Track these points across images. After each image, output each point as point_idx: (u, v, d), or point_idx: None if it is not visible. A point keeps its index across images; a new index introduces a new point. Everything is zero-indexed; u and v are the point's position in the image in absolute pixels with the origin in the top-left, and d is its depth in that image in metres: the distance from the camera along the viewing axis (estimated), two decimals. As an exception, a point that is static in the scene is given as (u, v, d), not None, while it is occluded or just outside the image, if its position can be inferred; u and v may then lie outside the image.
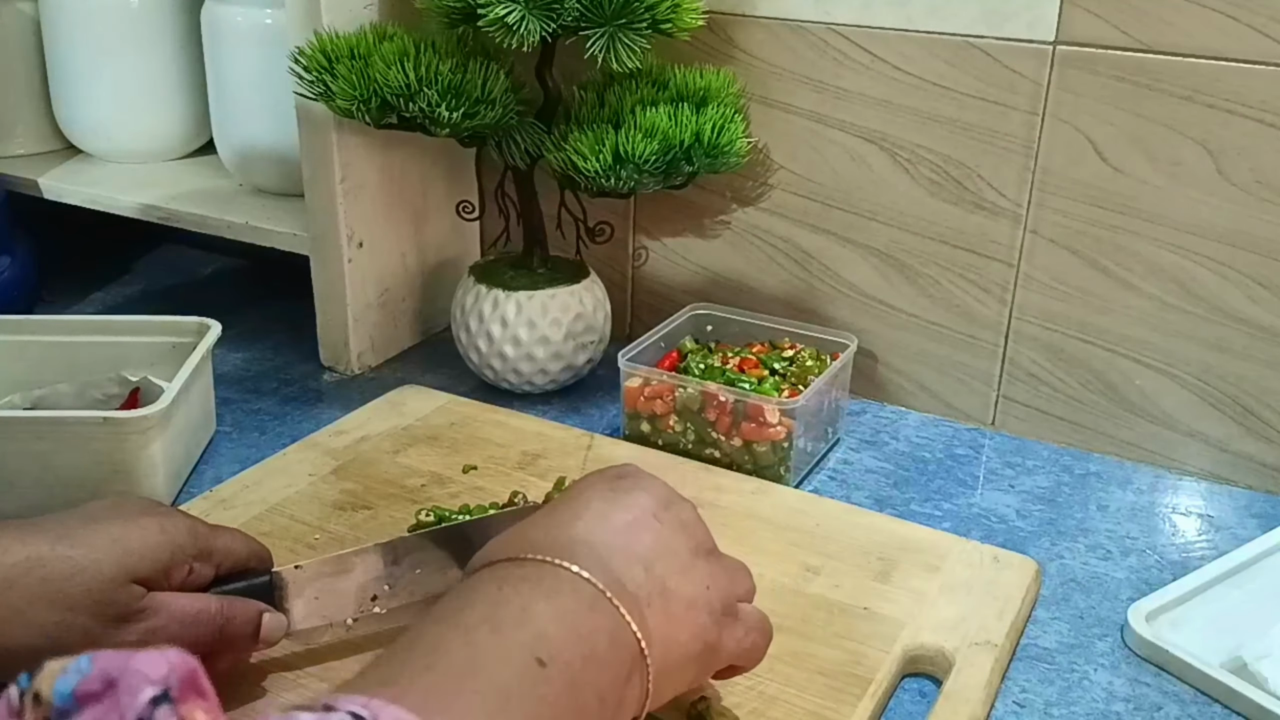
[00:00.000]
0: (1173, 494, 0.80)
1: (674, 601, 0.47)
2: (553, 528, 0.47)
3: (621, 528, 0.48)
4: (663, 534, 0.48)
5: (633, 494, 0.50)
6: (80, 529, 0.50)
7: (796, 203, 0.91)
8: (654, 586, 0.46)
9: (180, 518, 0.54)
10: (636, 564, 0.46)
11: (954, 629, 0.62)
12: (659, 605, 0.46)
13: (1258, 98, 0.73)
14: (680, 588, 0.47)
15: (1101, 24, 0.76)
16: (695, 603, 0.48)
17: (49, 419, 0.72)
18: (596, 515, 0.48)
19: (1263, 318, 0.77)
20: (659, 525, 0.49)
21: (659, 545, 0.48)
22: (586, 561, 0.45)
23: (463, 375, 0.94)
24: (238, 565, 0.56)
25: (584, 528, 0.47)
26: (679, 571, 0.48)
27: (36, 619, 0.47)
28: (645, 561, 0.47)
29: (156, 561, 0.51)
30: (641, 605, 0.45)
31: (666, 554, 0.48)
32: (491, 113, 0.81)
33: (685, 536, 0.49)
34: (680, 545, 0.49)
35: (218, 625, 0.52)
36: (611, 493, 0.50)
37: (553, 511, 0.49)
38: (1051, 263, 0.83)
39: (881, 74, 0.84)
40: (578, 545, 0.46)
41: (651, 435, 0.82)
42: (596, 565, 0.45)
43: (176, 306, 0.95)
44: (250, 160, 1.02)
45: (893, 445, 0.86)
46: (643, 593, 0.45)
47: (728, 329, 0.90)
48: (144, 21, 1.06)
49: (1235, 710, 0.59)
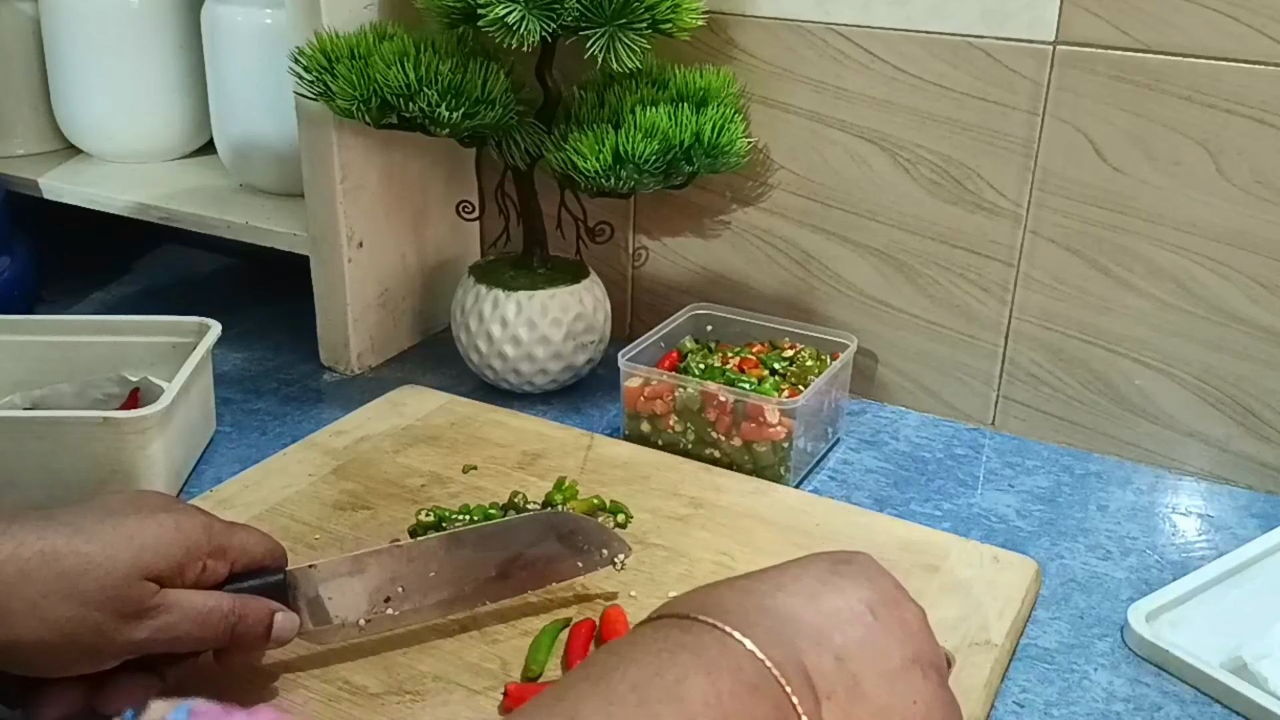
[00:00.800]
0: (1173, 494, 0.80)
1: (864, 704, 0.41)
2: (748, 593, 0.43)
3: (827, 611, 0.43)
4: (874, 631, 0.43)
5: (855, 581, 0.45)
6: (96, 524, 0.50)
7: (796, 203, 0.91)
8: (843, 681, 0.41)
9: (196, 514, 0.53)
10: (828, 653, 0.41)
11: (954, 629, 0.62)
12: (842, 701, 0.40)
13: (1258, 98, 0.73)
14: (877, 692, 0.41)
15: (1101, 24, 0.76)
16: (890, 714, 0.42)
17: (49, 419, 0.72)
18: (802, 591, 0.43)
19: (1263, 318, 0.77)
20: (873, 620, 0.43)
21: (864, 641, 0.42)
22: (766, 636, 0.40)
23: (463, 375, 0.94)
24: (253, 563, 0.55)
25: (782, 601, 0.43)
26: (881, 674, 0.42)
27: (50, 613, 0.47)
28: (841, 653, 0.41)
29: (170, 558, 0.50)
30: (820, 695, 0.40)
31: (871, 653, 0.42)
32: (491, 113, 0.81)
33: (902, 640, 0.43)
34: (892, 648, 0.43)
35: (230, 624, 0.52)
36: (831, 574, 0.45)
37: (757, 575, 0.45)
38: (1051, 263, 0.83)
39: (881, 74, 0.84)
40: (766, 616, 0.41)
41: (651, 435, 0.82)
42: (777, 642, 0.40)
43: (176, 306, 0.95)
44: (250, 160, 1.02)
45: (893, 445, 0.86)
46: (825, 684, 0.40)
47: (728, 329, 0.90)
48: (144, 21, 1.06)
49: (1235, 710, 0.59)
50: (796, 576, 0.44)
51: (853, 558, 0.47)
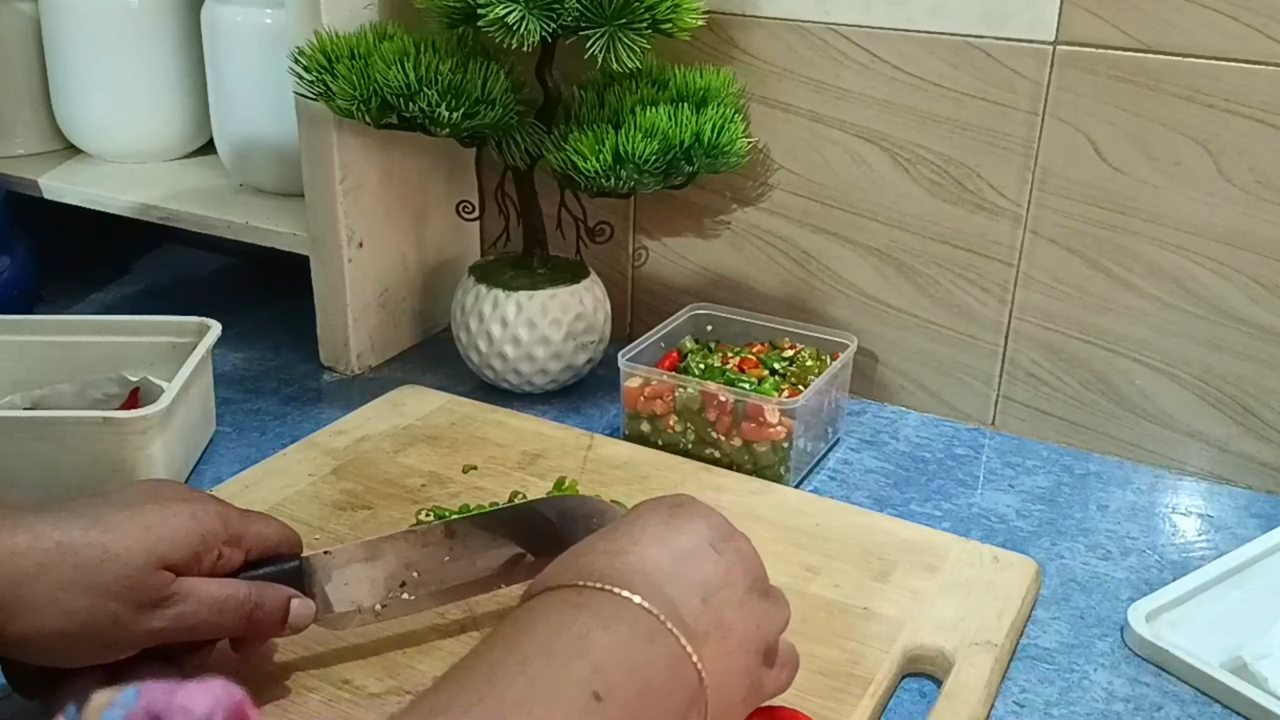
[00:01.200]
0: (1173, 494, 0.80)
1: (730, 637, 0.45)
2: (611, 554, 0.46)
3: (680, 555, 0.46)
4: (721, 565, 0.47)
5: (691, 522, 0.48)
6: (113, 515, 0.50)
7: (796, 203, 0.91)
8: (711, 619, 0.45)
9: (212, 503, 0.53)
10: (694, 594, 0.45)
11: (954, 629, 0.62)
12: (716, 639, 0.44)
13: (1258, 98, 0.73)
14: (735, 623, 0.46)
15: (1101, 24, 0.76)
16: (747, 641, 0.46)
17: (49, 419, 0.72)
18: (654, 541, 0.47)
19: (1263, 318, 0.77)
20: (717, 556, 0.47)
21: (717, 576, 0.46)
22: (645, 590, 0.43)
23: (463, 375, 0.94)
24: (268, 550, 0.55)
25: (641, 555, 0.46)
26: (735, 606, 0.46)
27: (69, 604, 0.47)
28: (703, 592, 0.45)
29: (187, 547, 0.50)
30: (698, 638, 0.44)
31: (724, 586, 0.46)
32: (491, 113, 0.81)
33: (742, 570, 0.48)
34: (738, 578, 0.47)
35: (246, 611, 0.52)
36: (671, 518, 0.48)
37: (609, 536, 0.48)
38: (1051, 263, 0.83)
39: (881, 74, 0.84)
40: (635, 574, 0.44)
41: (651, 435, 0.82)
42: (655, 594, 0.44)
43: (176, 306, 0.95)
44: (250, 160, 1.02)
45: (893, 445, 0.86)
46: (700, 625, 0.44)
47: (728, 329, 0.90)
48: (144, 21, 1.06)
49: (1235, 710, 0.59)
50: (644, 528, 0.47)
51: (681, 500, 0.50)
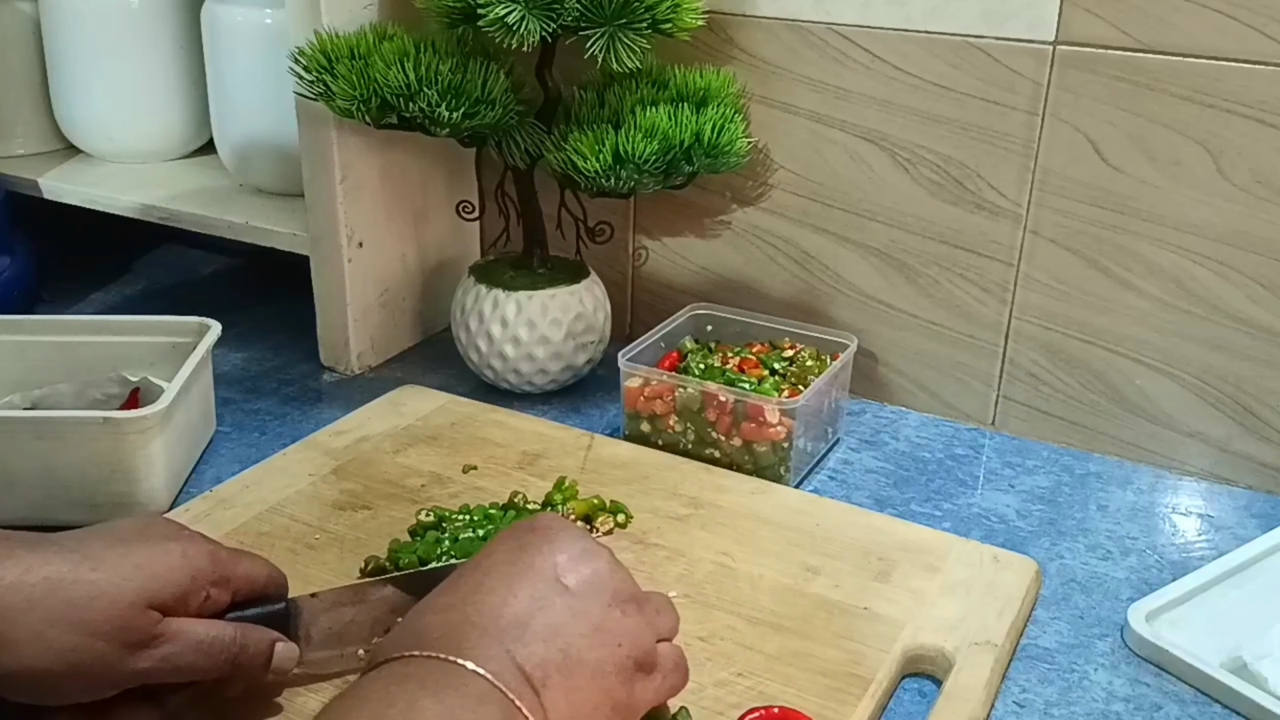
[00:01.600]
0: (1173, 494, 0.80)
1: (577, 673, 0.45)
2: (449, 608, 0.46)
3: (524, 597, 0.46)
4: (570, 598, 0.47)
5: (539, 552, 0.48)
6: (103, 552, 0.49)
7: (796, 203, 0.91)
8: (554, 661, 0.45)
9: (202, 543, 0.53)
10: (536, 640, 0.45)
11: (954, 629, 0.62)
12: (558, 681, 0.44)
13: (1258, 98, 0.73)
14: (585, 654, 0.46)
15: (1101, 24, 0.76)
16: (603, 667, 0.46)
17: (49, 419, 0.72)
18: (497, 584, 0.46)
19: (1263, 318, 0.77)
20: (565, 588, 0.47)
21: (564, 612, 0.46)
22: (476, 649, 0.43)
23: (463, 375, 0.94)
24: (255, 591, 0.55)
25: (480, 603, 0.46)
26: (585, 635, 0.46)
27: (55, 642, 0.47)
28: (546, 634, 0.45)
29: (176, 587, 0.50)
30: (536, 686, 0.44)
31: (572, 619, 0.46)
32: (491, 113, 0.81)
33: (596, 594, 0.47)
34: (590, 606, 0.47)
35: (231, 654, 0.52)
36: (520, 552, 0.48)
37: (454, 584, 0.48)
38: (1051, 263, 0.83)
39: (881, 74, 0.84)
40: (470, 629, 0.44)
41: (651, 435, 0.82)
42: (487, 651, 0.43)
43: (176, 306, 0.95)
44: (250, 160, 1.02)
45: (893, 445, 0.86)
46: (539, 672, 0.44)
47: (728, 329, 0.90)
48: (144, 21, 1.06)
49: (1235, 710, 0.59)
50: (488, 570, 0.47)
51: (536, 524, 0.50)
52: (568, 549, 0.48)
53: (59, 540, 0.50)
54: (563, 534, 0.49)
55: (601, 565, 0.49)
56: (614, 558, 0.50)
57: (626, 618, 0.48)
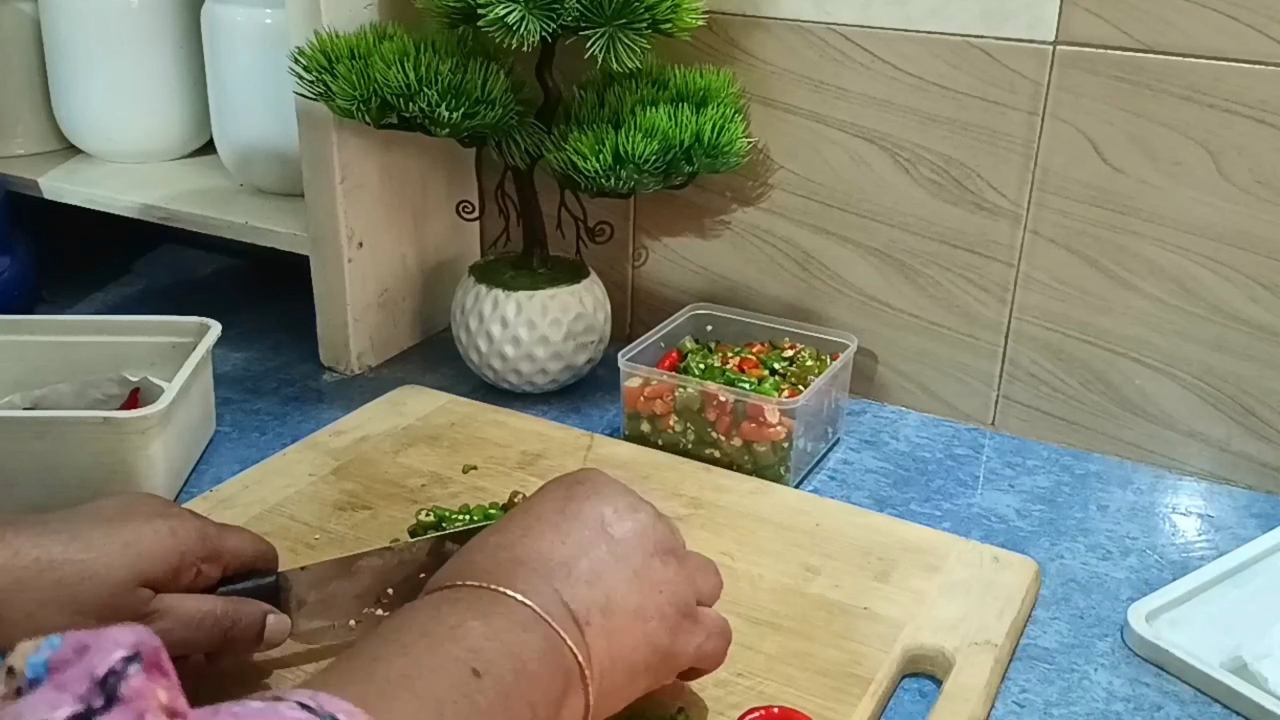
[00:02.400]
0: (1173, 494, 0.80)
1: (618, 614, 0.47)
2: (499, 548, 0.48)
3: (571, 542, 0.48)
4: (615, 544, 0.48)
5: (588, 502, 0.50)
6: (91, 531, 0.50)
7: (796, 203, 0.91)
8: (596, 601, 0.46)
9: (190, 519, 0.54)
10: (580, 580, 0.46)
11: (954, 629, 0.62)
12: (599, 622, 0.46)
13: (1258, 98, 0.73)
14: (627, 598, 0.47)
15: (1101, 24, 0.76)
16: (644, 610, 0.48)
17: (49, 419, 0.72)
18: (546, 529, 0.48)
19: (1263, 318, 0.77)
20: (611, 534, 0.49)
21: (609, 556, 0.48)
22: (525, 584, 0.45)
23: (463, 375, 0.94)
24: (245, 566, 0.56)
25: (530, 546, 0.47)
26: (628, 580, 0.48)
27: (46, 622, 0.47)
28: (590, 576, 0.47)
29: (166, 564, 0.51)
30: (580, 623, 0.45)
31: (615, 564, 0.48)
32: (491, 113, 0.81)
33: (640, 541, 0.49)
34: (633, 552, 0.49)
35: (223, 627, 0.52)
36: (567, 502, 0.50)
37: (504, 527, 0.49)
38: (1051, 263, 0.83)
39: (881, 74, 0.84)
40: (520, 567, 0.46)
41: (651, 435, 0.82)
42: (535, 586, 0.45)
43: (176, 306, 0.95)
44: (250, 160, 1.02)
45: (893, 445, 0.86)
46: (583, 611, 0.45)
47: (728, 329, 0.90)
48: (144, 21, 1.06)
49: (1235, 710, 0.59)
50: (539, 516, 0.49)
51: (583, 477, 0.52)
52: (614, 501, 0.50)
53: (47, 521, 0.50)
54: (609, 486, 0.51)
55: (644, 517, 0.50)
56: (658, 512, 0.51)
57: (667, 568, 0.50)
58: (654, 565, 0.49)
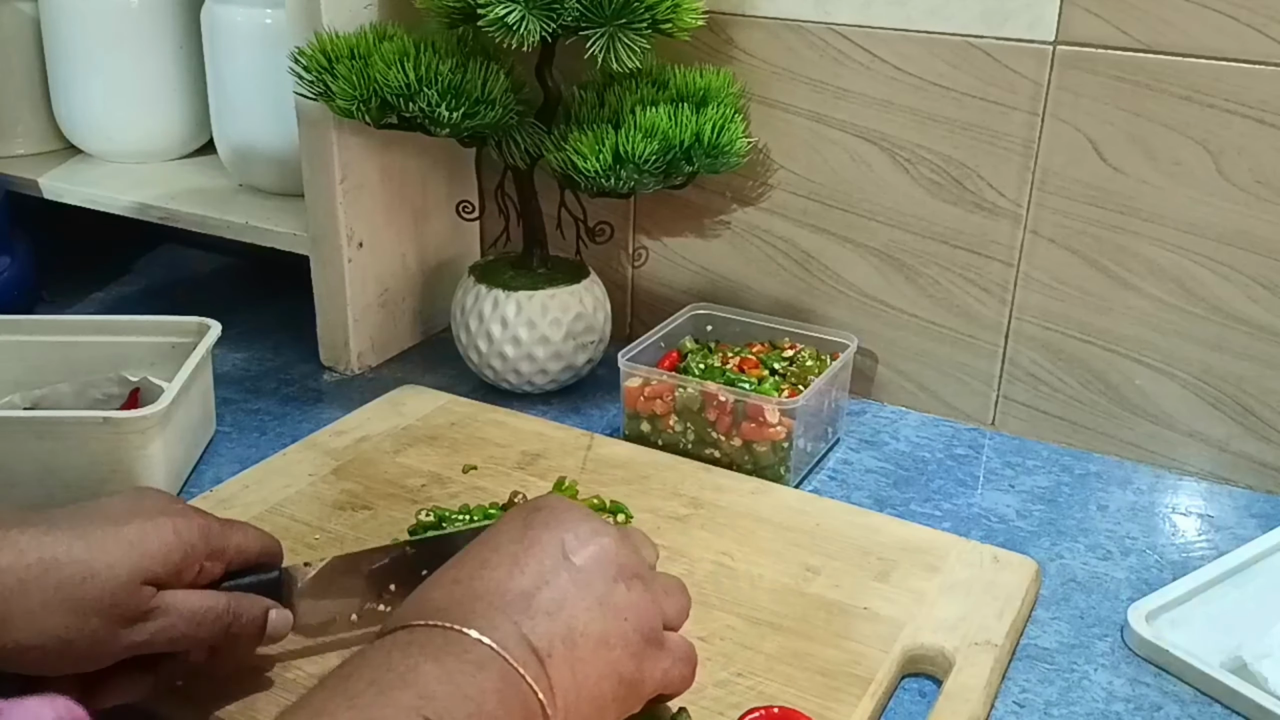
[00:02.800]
0: (1173, 494, 0.80)
1: (582, 644, 0.45)
2: (455, 583, 0.46)
3: (531, 572, 0.46)
4: (575, 573, 0.47)
5: (547, 530, 0.48)
6: (95, 530, 0.50)
7: (796, 203, 0.91)
8: (558, 633, 0.45)
9: (194, 516, 0.54)
10: (540, 611, 0.45)
11: (954, 629, 0.62)
12: (562, 653, 0.44)
13: (1258, 98, 0.73)
14: (590, 626, 0.46)
15: (1101, 24, 0.76)
16: (608, 639, 0.46)
17: (49, 419, 0.72)
18: (504, 560, 0.47)
19: (1263, 318, 0.77)
20: (572, 561, 0.47)
21: (570, 584, 0.46)
22: (482, 620, 0.44)
23: (463, 375, 0.94)
24: (248, 561, 0.56)
25: (487, 579, 0.46)
26: (590, 609, 0.46)
27: (48, 622, 0.47)
28: (551, 606, 0.45)
29: (169, 563, 0.51)
30: (541, 657, 0.44)
31: (577, 593, 0.46)
32: (491, 113, 0.81)
33: (602, 567, 0.48)
34: (596, 579, 0.47)
35: (225, 623, 0.52)
36: (524, 530, 0.48)
37: (461, 561, 0.48)
38: (1051, 263, 0.83)
39: (881, 74, 0.84)
40: (476, 602, 0.45)
41: (651, 435, 0.82)
42: (492, 622, 0.44)
43: (176, 306, 0.95)
44: (250, 160, 1.02)
45: (893, 445, 0.86)
46: (544, 644, 0.44)
47: (728, 329, 0.90)
48: (144, 21, 1.06)
49: (1235, 710, 0.59)
50: (495, 547, 0.48)
51: (541, 504, 0.50)
52: (574, 527, 0.49)
53: (51, 518, 0.50)
54: (569, 513, 0.50)
55: (607, 542, 0.49)
56: (621, 535, 0.50)
57: (632, 593, 0.48)
58: (618, 591, 0.48)
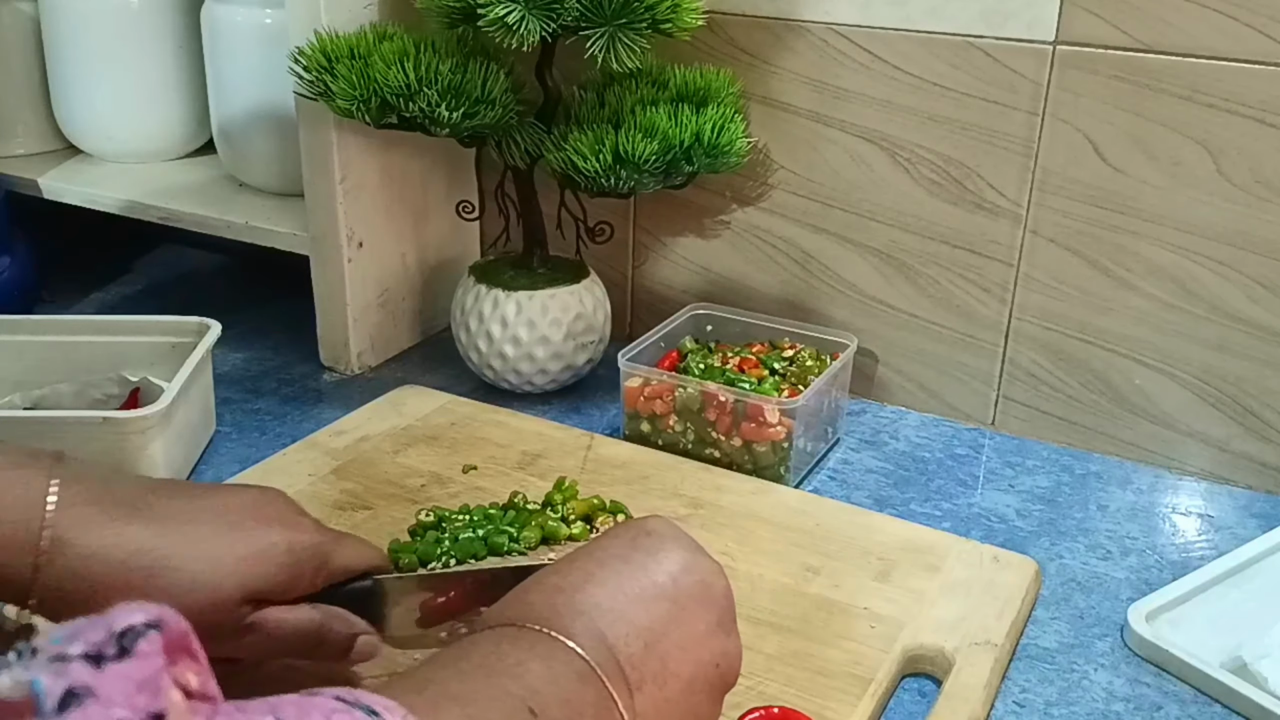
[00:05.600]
0: (1173, 494, 0.80)
1: (671, 683, 0.45)
2: (559, 590, 0.45)
3: (633, 595, 0.45)
4: (676, 608, 0.46)
5: (655, 556, 0.47)
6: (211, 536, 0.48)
7: (796, 203, 0.91)
8: (651, 666, 0.44)
9: (311, 534, 0.52)
10: (637, 639, 0.44)
11: (954, 629, 0.62)
12: (652, 689, 0.44)
13: (1258, 98, 0.73)
14: (682, 668, 0.45)
15: (1101, 24, 0.76)
16: (695, 683, 0.46)
17: (49, 419, 0.72)
18: (609, 578, 0.46)
19: (1263, 318, 0.77)
20: (676, 593, 0.46)
21: (669, 618, 0.45)
22: (584, 636, 0.43)
23: (463, 375, 0.94)
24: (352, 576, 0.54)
25: (592, 593, 0.45)
26: (685, 648, 0.46)
27: None
28: (650, 636, 0.45)
29: (277, 583, 0.49)
30: (633, 688, 0.43)
31: (676, 627, 0.45)
32: (491, 113, 0.81)
33: (703, 607, 0.47)
34: (695, 618, 0.46)
35: (313, 643, 0.51)
36: (633, 551, 0.47)
37: (564, 569, 0.47)
38: (1051, 263, 0.83)
39: (881, 74, 0.84)
40: (579, 614, 0.44)
41: (651, 435, 0.82)
42: (593, 639, 0.43)
43: (176, 306, 0.95)
44: (250, 160, 1.02)
45: (893, 445, 0.86)
46: (635, 674, 0.44)
47: (728, 329, 0.90)
48: (144, 21, 1.06)
49: (1235, 710, 0.59)
50: (601, 562, 0.47)
51: (650, 528, 0.49)
52: (682, 556, 0.48)
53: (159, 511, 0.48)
54: (679, 540, 0.48)
55: (712, 578, 0.48)
56: (723, 573, 0.49)
57: (727, 639, 0.48)
58: (716, 637, 0.47)
